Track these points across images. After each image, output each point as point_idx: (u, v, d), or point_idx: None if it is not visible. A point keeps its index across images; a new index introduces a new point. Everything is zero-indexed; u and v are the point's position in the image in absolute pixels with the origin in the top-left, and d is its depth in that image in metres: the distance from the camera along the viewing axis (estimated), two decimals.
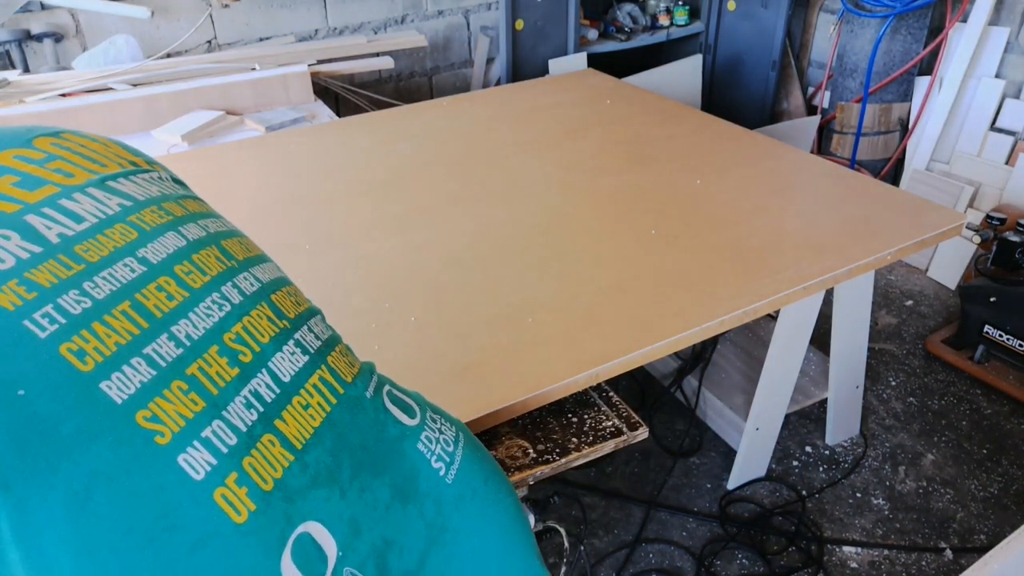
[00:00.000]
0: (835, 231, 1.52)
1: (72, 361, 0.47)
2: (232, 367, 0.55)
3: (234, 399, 0.54)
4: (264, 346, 0.59)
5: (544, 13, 2.80)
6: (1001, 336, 2.14)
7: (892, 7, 2.67)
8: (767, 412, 1.77)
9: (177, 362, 0.52)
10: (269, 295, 0.64)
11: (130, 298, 0.52)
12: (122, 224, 0.57)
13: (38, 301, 0.48)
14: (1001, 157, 2.67)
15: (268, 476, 0.53)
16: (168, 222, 0.60)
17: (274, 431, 0.55)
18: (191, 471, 0.49)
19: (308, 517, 0.54)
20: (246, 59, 2.38)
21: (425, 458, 0.66)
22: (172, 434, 0.49)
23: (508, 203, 1.67)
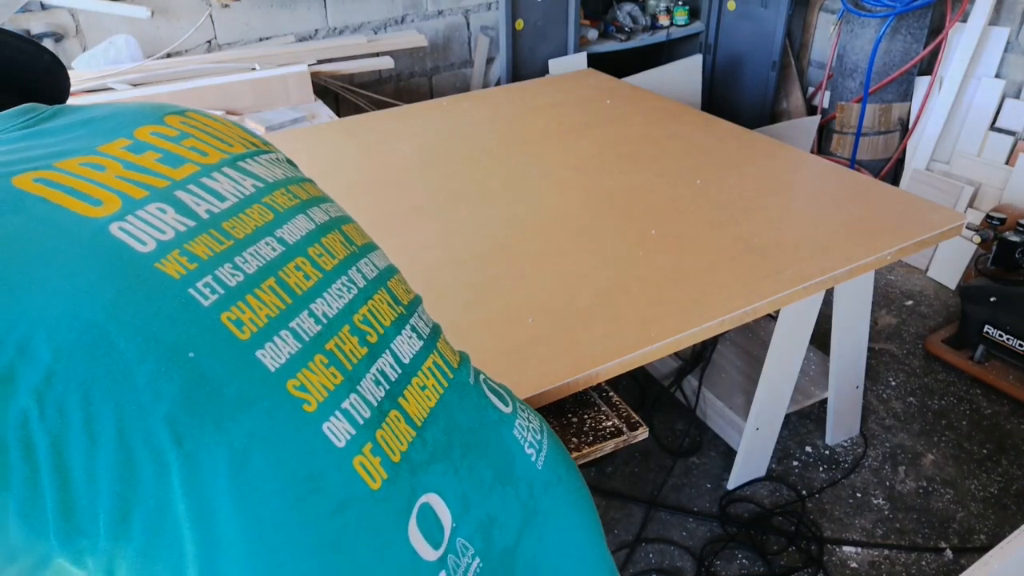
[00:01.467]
0: (835, 231, 1.52)
1: (232, 329, 0.50)
2: (362, 346, 0.58)
3: (365, 375, 0.57)
4: (387, 329, 0.62)
5: (544, 13, 2.80)
6: (1001, 336, 2.14)
7: (892, 7, 2.67)
8: (767, 412, 1.77)
9: (318, 337, 0.55)
10: (386, 281, 0.66)
11: (274, 275, 0.55)
12: (259, 204, 0.59)
13: (199, 272, 0.51)
14: (1001, 157, 2.67)
15: (396, 448, 0.56)
16: (297, 204, 0.63)
17: (399, 408, 0.58)
18: (334, 439, 0.52)
19: (429, 489, 0.57)
20: (246, 59, 2.38)
21: (519, 444, 0.68)
22: (317, 403, 0.52)
23: (508, 203, 1.67)
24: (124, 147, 0.57)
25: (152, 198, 0.53)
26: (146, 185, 0.54)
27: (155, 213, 0.52)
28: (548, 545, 0.66)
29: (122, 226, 0.50)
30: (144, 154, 0.57)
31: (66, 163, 0.53)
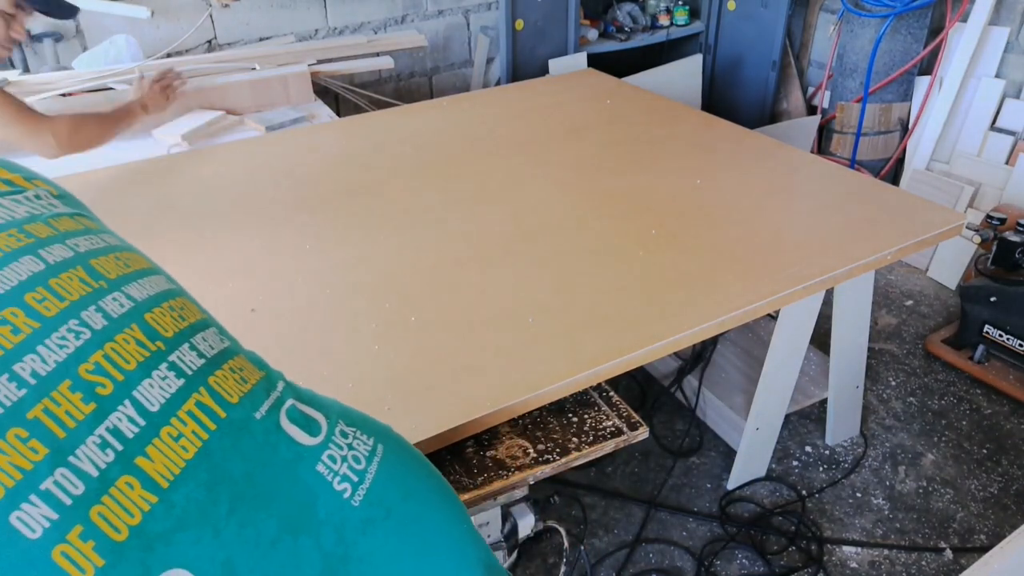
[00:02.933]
0: (835, 231, 1.52)
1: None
2: (87, 403, 0.50)
3: (86, 440, 0.49)
4: (129, 373, 0.53)
5: (544, 13, 2.80)
6: (1001, 336, 2.14)
7: (892, 7, 2.67)
8: (767, 412, 1.77)
9: (17, 406, 0.47)
10: (143, 315, 0.58)
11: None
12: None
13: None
14: (1001, 157, 2.67)
15: (122, 524, 0.48)
16: (27, 245, 0.55)
17: (134, 471, 0.50)
18: (26, 530, 0.44)
19: (171, 564, 0.49)
20: (246, 59, 2.38)
21: (325, 481, 0.59)
22: (5, 490, 0.44)
23: (508, 203, 1.67)
24: None
25: None
26: None
27: None
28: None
29: None
30: None
31: None
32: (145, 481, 0.50)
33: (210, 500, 0.52)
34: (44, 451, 0.47)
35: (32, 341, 0.50)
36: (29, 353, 0.49)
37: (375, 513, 0.61)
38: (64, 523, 0.46)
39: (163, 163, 1.94)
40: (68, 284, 0.55)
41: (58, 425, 0.48)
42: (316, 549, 0.56)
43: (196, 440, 0.54)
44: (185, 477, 0.52)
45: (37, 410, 0.48)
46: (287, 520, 0.56)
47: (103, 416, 0.50)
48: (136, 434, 0.51)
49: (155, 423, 0.53)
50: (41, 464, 0.46)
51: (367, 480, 0.62)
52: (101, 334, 0.54)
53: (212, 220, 1.63)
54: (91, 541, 0.46)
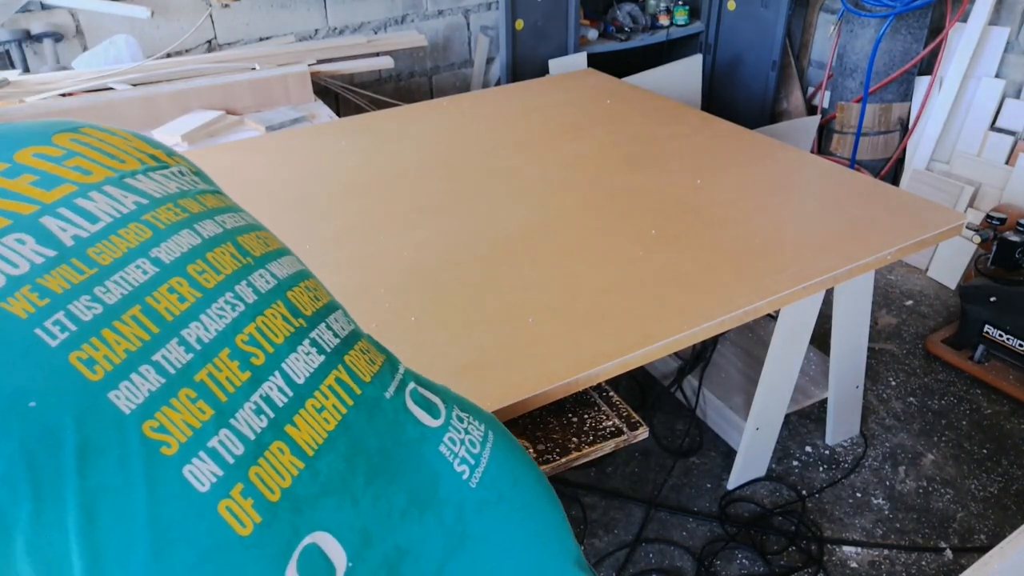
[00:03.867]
0: (835, 231, 1.52)
1: (82, 370, 0.46)
2: (243, 371, 0.54)
3: (243, 406, 0.52)
4: (278, 347, 0.57)
5: (544, 13, 2.80)
6: (1001, 336, 2.14)
7: (892, 7, 2.67)
8: (767, 412, 1.77)
9: (186, 368, 0.51)
10: (285, 292, 0.62)
11: (141, 302, 0.51)
12: (136, 223, 0.55)
13: (50, 308, 0.47)
14: (1001, 157, 2.67)
15: (275, 486, 0.51)
16: (183, 219, 0.59)
17: (284, 438, 0.53)
18: (196, 483, 0.47)
19: (316, 527, 0.52)
20: (246, 59, 2.38)
21: (447, 461, 0.63)
22: (179, 444, 0.48)
23: (508, 203, 1.67)
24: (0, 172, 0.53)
25: (13, 228, 0.50)
26: (9, 213, 0.50)
27: (11, 245, 0.49)
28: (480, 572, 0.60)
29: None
30: (18, 178, 0.53)
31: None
32: (293, 448, 0.53)
33: (349, 471, 0.56)
34: (210, 412, 0.50)
35: (196, 310, 0.54)
36: (194, 320, 0.53)
37: (489, 496, 0.64)
38: (228, 480, 0.49)
39: None
40: (222, 259, 0.58)
41: (220, 389, 0.52)
42: (439, 525, 0.59)
43: (336, 413, 0.58)
44: (327, 447, 0.55)
45: (203, 374, 0.51)
46: (414, 495, 0.59)
47: (257, 384, 0.54)
48: (285, 403, 0.55)
49: (301, 395, 0.56)
50: (208, 424, 0.50)
51: (482, 464, 0.65)
52: (253, 308, 0.57)
53: None
54: (250, 499, 0.49)
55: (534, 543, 0.66)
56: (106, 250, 0.52)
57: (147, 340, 0.50)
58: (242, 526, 0.48)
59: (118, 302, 0.50)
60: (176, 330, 0.52)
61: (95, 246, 0.52)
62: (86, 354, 0.47)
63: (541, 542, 0.66)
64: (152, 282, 0.53)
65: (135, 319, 0.50)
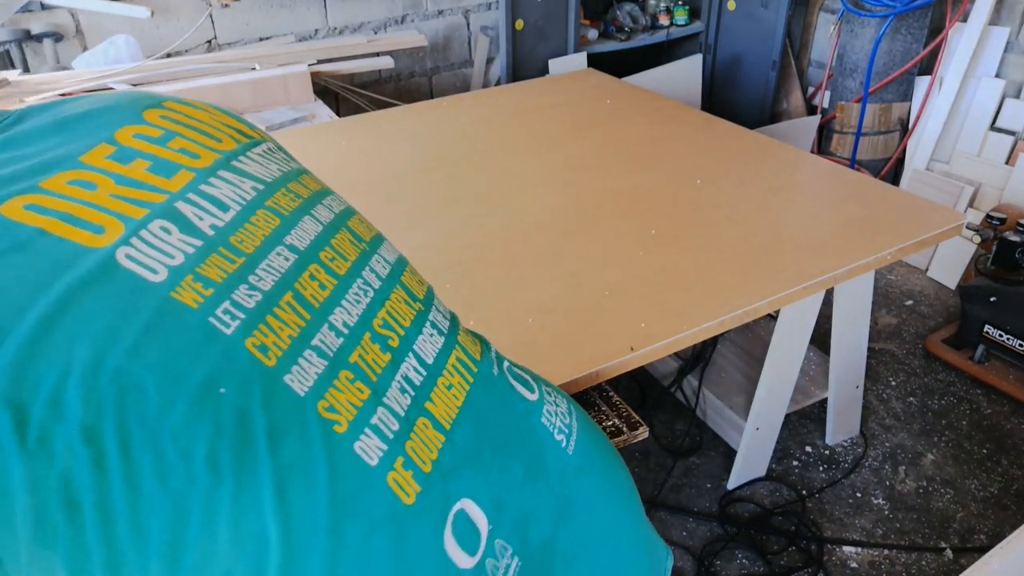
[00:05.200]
0: (835, 231, 1.52)
1: (259, 356, 0.48)
2: (384, 352, 0.56)
3: (391, 385, 0.55)
4: (407, 330, 0.59)
5: (544, 13, 2.80)
6: (1001, 336, 2.14)
7: (892, 7, 2.67)
8: (767, 412, 1.77)
9: (340, 351, 0.53)
10: (399, 277, 0.64)
11: (291, 288, 0.52)
12: (263, 210, 0.56)
13: (216, 297, 0.48)
14: (1001, 157, 2.67)
15: (427, 458, 0.54)
16: (300, 205, 0.60)
17: (426, 414, 0.56)
18: (367, 458, 0.50)
19: (462, 495, 0.55)
20: (246, 59, 2.38)
21: (549, 432, 0.66)
22: (348, 423, 0.50)
23: (508, 203, 1.67)
24: (108, 156, 0.52)
25: (153, 216, 0.50)
26: (144, 202, 0.50)
27: (159, 234, 0.49)
28: (584, 533, 0.64)
29: (129, 253, 0.47)
30: (132, 163, 0.52)
31: (52, 182, 0.48)
32: (435, 423, 0.56)
33: (478, 443, 0.59)
34: (367, 392, 0.53)
35: (336, 296, 0.55)
36: (336, 306, 0.55)
37: (583, 463, 0.67)
38: (391, 454, 0.51)
39: None
40: (344, 245, 0.60)
41: (370, 370, 0.54)
42: (549, 491, 0.62)
43: (461, 391, 0.61)
44: (460, 422, 0.58)
45: (355, 356, 0.53)
46: (528, 464, 0.62)
47: (397, 365, 0.56)
48: (422, 382, 0.57)
49: (432, 374, 0.59)
50: (367, 402, 0.52)
51: (574, 433, 0.69)
52: (380, 293, 0.59)
53: None
54: (410, 471, 0.52)
55: (621, 504, 0.70)
56: (246, 238, 0.53)
57: (303, 326, 0.51)
58: (407, 496, 0.51)
59: (272, 289, 0.51)
60: (325, 316, 0.53)
61: (235, 234, 0.52)
62: (259, 340, 0.48)
63: (626, 503, 0.70)
64: (294, 269, 0.54)
65: (290, 305, 0.51)
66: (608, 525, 0.67)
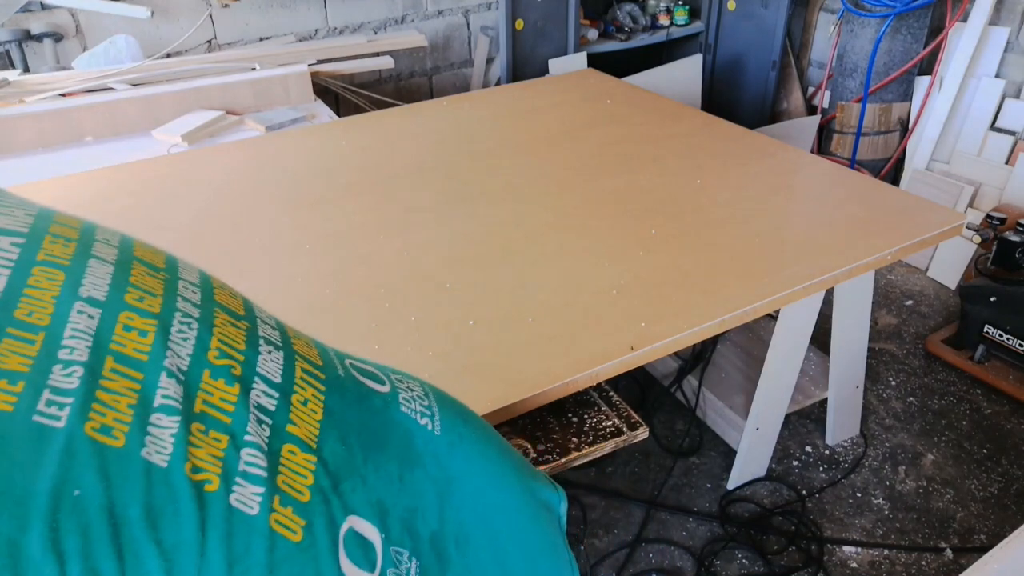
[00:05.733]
0: (835, 231, 1.52)
1: (103, 440, 0.43)
2: (231, 385, 0.51)
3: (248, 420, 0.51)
4: (245, 353, 0.54)
5: (544, 13, 2.80)
6: (1001, 336, 2.14)
7: (892, 7, 2.67)
8: (767, 412, 1.77)
9: (185, 402, 0.48)
10: (212, 297, 0.57)
11: (109, 352, 0.46)
12: (37, 267, 0.48)
13: (30, 390, 0.42)
14: (1001, 157, 2.67)
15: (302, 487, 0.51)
16: (76, 249, 0.52)
17: (290, 439, 0.53)
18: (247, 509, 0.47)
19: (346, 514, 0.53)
20: (246, 59, 2.38)
21: (412, 418, 0.65)
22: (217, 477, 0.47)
23: (508, 203, 1.67)
24: None
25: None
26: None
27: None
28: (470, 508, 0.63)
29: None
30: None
31: None
32: (301, 446, 0.53)
33: (347, 454, 0.56)
34: (224, 438, 0.48)
35: (160, 340, 0.49)
36: (165, 352, 0.49)
37: (452, 438, 0.66)
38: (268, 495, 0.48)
39: (163, 163, 1.94)
40: (144, 280, 0.53)
41: (221, 412, 0.50)
42: (427, 478, 0.61)
43: (318, 402, 0.57)
44: (324, 436, 0.55)
45: (198, 403, 0.49)
46: (400, 457, 0.60)
47: (247, 394, 0.52)
48: (276, 406, 0.54)
49: (284, 393, 0.55)
50: (227, 450, 0.48)
51: (436, 413, 0.68)
52: (202, 321, 0.54)
53: (211, 221, 1.63)
54: (288, 507, 0.49)
55: (498, 467, 0.69)
56: (35, 307, 0.45)
57: (139, 389, 0.46)
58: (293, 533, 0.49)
59: (89, 358, 0.45)
60: (158, 366, 0.48)
61: (19, 307, 0.45)
62: (98, 423, 0.43)
63: (503, 464, 0.70)
64: (104, 326, 0.47)
65: (115, 372, 0.46)
66: (490, 490, 0.67)
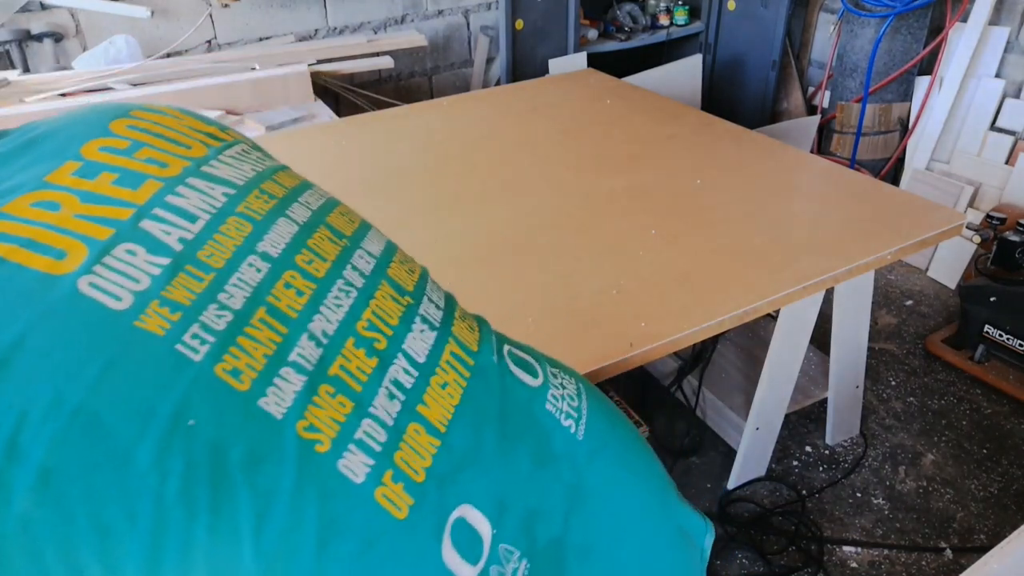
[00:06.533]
0: (835, 231, 1.52)
1: (230, 382, 0.46)
2: (370, 357, 0.53)
3: (378, 393, 0.52)
4: (395, 328, 0.56)
5: (544, 13, 2.80)
6: (1001, 336, 2.14)
7: (892, 7, 2.67)
8: (767, 412, 1.77)
9: (320, 364, 0.50)
10: (385, 270, 0.61)
11: (264, 303, 0.50)
12: (234, 217, 0.53)
13: (183, 322, 0.46)
14: (1001, 157, 2.67)
15: (419, 467, 0.52)
16: (274, 207, 0.57)
17: (418, 419, 0.53)
18: (352, 476, 0.48)
19: (460, 501, 0.53)
20: (246, 59, 2.38)
21: (555, 418, 0.64)
22: (330, 440, 0.48)
23: (508, 203, 1.67)
24: (74, 172, 0.50)
25: (118, 237, 0.47)
26: (108, 220, 0.48)
27: (124, 257, 0.47)
28: (599, 521, 0.60)
29: (92, 280, 0.45)
30: (98, 178, 0.50)
31: (14, 205, 0.46)
32: (428, 427, 0.53)
33: (477, 442, 0.56)
34: (350, 404, 0.50)
35: (314, 302, 0.53)
36: (316, 314, 0.52)
37: (595, 445, 0.64)
38: (379, 468, 0.49)
39: None
40: (322, 244, 0.57)
41: (354, 380, 0.51)
42: (558, 481, 0.60)
43: (458, 387, 0.58)
44: (456, 421, 0.55)
45: (335, 367, 0.51)
46: (534, 455, 0.59)
47: (384, 369, 0.53)
48: (413, 384, 0.55)
49: (425, 373, 0.56)
50: (351, 416, 0.50)
51: (583, 416, 0.66)
52: (363, 292, 0.56)
53: None
54: (400, 483, 0.50)
55: (640, 482, 0.67)
56: (215, 251, 0.51)
57: (280, 342, 0.49)
58: (398, 510, 0.49)
59: (243, 306, 0.49)
60: (303, 326, 0.51)
61: (203, 248, 0.50)
62: (230, 365, 0.46)
63: (645, 480, 0.68)
64: (268, 280, 0.52)
65: (263, 322, 0.49)
66: (626, 509, 0.64)
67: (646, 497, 0.67)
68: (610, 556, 0.60)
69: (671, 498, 0.69)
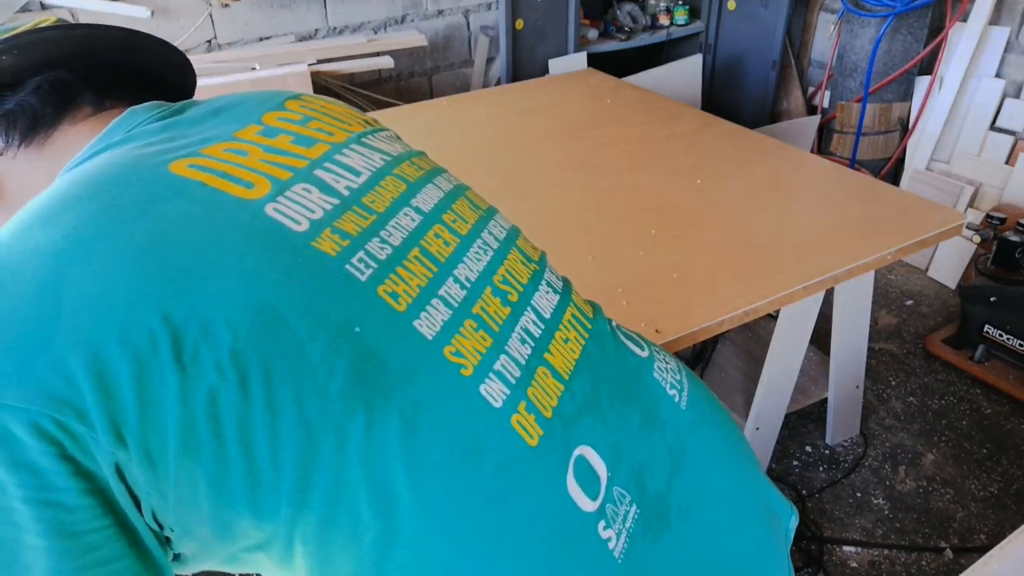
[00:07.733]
0: (835, 231, 1.52)
1: (389, 302, 0.52)
2: (504, 306, 0.59)
3: (512, 335, 0.58)
4: (525, 286, 0.63)
5: (544, 13, 2.80)
6: (1001, 336, 2.14)
7: (892, 7, 2.67)
8: (767, 412, 1.77)
9: (464, 302, 0.56)
10: (515, 240, 0.68)
11: (417, 245, 0.57)
12: (391, 176, 0.61)
13: (351, 248, 0.53)
14: (1001, 157, 2.67)
15: (547, 404, 0.56)
16: (423, 174, 0.65)
17: (545, 364, 0.58)
18: (492, 400, 0.53)
19: (582, 441, 0.57)
20: (246, 59, 2.38)
21: (661, 386, 0.68)
22: (473, 367, 0.53)
23: (507, 203, 1.67)
24: (257, 132, 0.59)
25: (296, 178, 0.55)
26: (288, 166, 0.56)
27: (302, 193, 0.54)
28: (699, 487, 0.64)
29: (276, 207, 0.52)
30: (278, 137, 0.59)
31: (211, 149, 0.55)
32: (554, 373, 0.59)
33: (595, 394, 0.61)
34: (490, 340, 0.56)
35: (459, 253, 0.60)
36: (459, 262, 0.59)
37: (696, 416, 0.69)
38: (514, 398, 0.54)
39: None
40: (464, 209, 0.65)
41: (492, 321, 0.57)
42: (663, 443, 0.64)
43: (577, 345, 0.63)
44: (577, 372, 0.61)
45: (477, 307, 0.57)
46: (644, 416, 0.64)
47: (517, 318, 0.59)
48: (540, 334, 0.60)
49: (550, 327, 0.62)
50: (491, 349, 0.55)
51: (685, 389, 0.71)
52: (499, 252, 0.64)
53: None
54: (532, 415, 0.55)
55: (732, 456, 0.71)
56: (377, 199, 0.58)
57: (431, 277, 0.55)
58: (531, 437, 0.53)
59: (401, 244, 0.56)
60: (449, 269, 0.57)
61: (367, 195, 0.58)
62: (390, 288, 0.52)
63: (738, 454, 0.71)
64: (421, 228, 0.58)
65: (417, 259, 0.56)
66: (723, 479, 0.67)
67: (740, 472, 0.70)
68: (707, 522, 0.63)
69: (761, 477, 0.73)
